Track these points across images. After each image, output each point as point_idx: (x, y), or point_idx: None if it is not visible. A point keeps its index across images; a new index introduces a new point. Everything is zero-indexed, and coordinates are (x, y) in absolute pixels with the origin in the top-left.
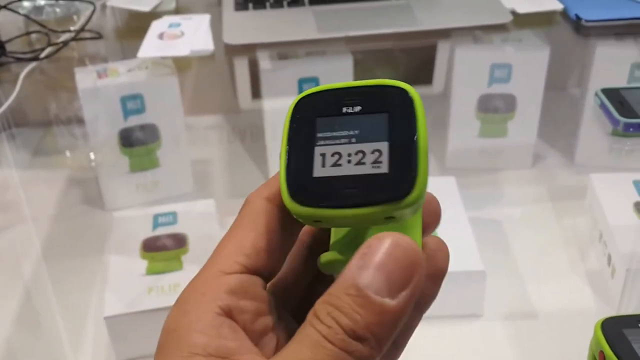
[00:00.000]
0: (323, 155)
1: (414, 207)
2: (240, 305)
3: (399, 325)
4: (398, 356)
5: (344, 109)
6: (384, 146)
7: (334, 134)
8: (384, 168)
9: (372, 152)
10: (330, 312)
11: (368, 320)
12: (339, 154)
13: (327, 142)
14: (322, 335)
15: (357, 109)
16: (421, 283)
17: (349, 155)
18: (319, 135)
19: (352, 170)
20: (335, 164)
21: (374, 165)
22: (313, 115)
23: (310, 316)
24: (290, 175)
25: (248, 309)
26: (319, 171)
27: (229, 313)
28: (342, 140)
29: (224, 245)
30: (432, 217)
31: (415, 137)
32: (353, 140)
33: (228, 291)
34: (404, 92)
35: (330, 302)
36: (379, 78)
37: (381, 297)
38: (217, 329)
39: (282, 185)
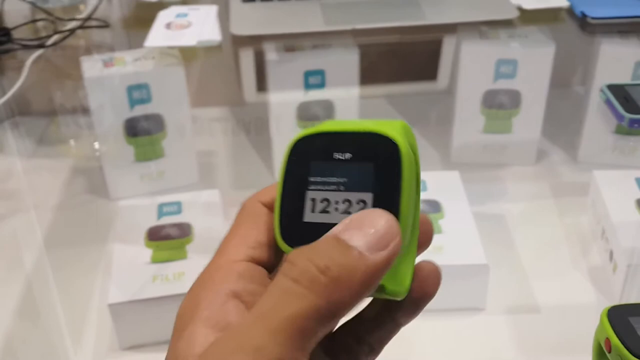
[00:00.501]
0: (313, 200)
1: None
2: (248, 288)
3: (367, 285)
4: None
5: (336, 155)
6: (368, 197)
7: (325, 179)
8: None
9: (358, 202)
10: (306, 253)
11: (344, 262)
12: (328, 200)
13: (318, 187)
14: (292, 277)
15: (348, 156)
16: (394, 255)
17: (337, 202)
18: (311, 179)
19: (338, 218)
20: (323, 210)
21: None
22: (307, 159)
23: (282, 264)
24: (283, 217)
25: (256, 292)
26: (308, 216)
27: (237, 295)
28: (332, 187)
29: (228, 240)
30: (423, 238)
31: (399, 191)
32: (341, 187)
33: (237, 276)
34: (392, 144)
35: (307, 248)
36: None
37: (356, 243)
38: (222, 306)
39: (276, 225)
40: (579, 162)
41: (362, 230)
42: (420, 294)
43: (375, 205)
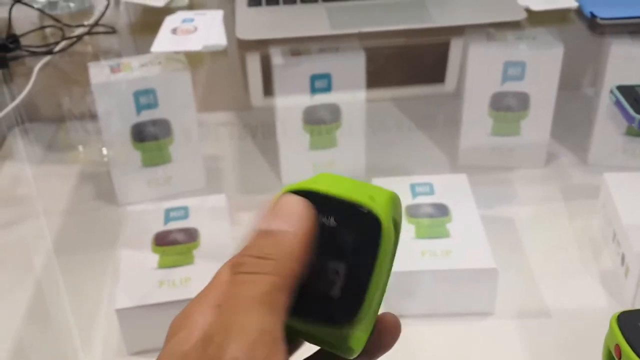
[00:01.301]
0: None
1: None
2: None
3: (302, 250)
4: None
5: (322, 219)
6: (342, 267)
7: (325, 249)
8: (336, 290)
9: (332, 271)
10: (246, 253)
11: (268, 244)
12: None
13: (319, 259)
14: (244, 271)
15: (333, 223)
16: (307, 230)
17: (311, 265)
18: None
19: (308, 281)
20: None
21: (330, 284)
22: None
23: (224, 269)
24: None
25: None
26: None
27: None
28: (315, 251)
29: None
30: (387, 339)
31: (371, 268)
32: (319, 252)
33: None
34: (376, 221)
35: (242, 250)
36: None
37: (275, 227)
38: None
39: None
40: (589, 165)
41: (276, 216)
42: (376, 345)
43: (347, 276)
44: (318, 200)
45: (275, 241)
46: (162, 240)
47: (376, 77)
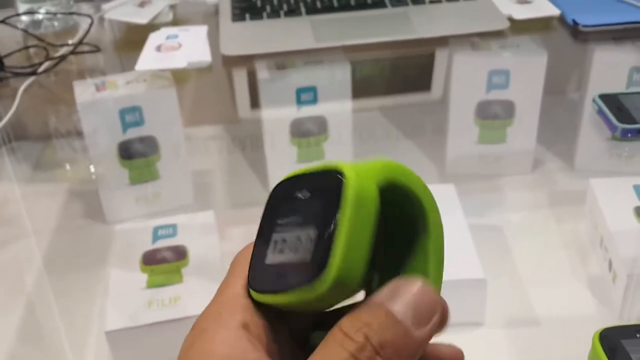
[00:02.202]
0: (276, 242)
1: (332, 293)
2: (254, 320)
3: (414, 358)
4: None
5: (298, 195)
6: (313, 233)
7: (288, 219)
8: (308, 254)
9: (306, 239)
10: (361, 328)
11: (395, 341)
12: (285, 240)
13: (282, 228)
14: (350, 352)
15: (307, 195)
16: (435, 330)
17: (291, 241)
18: (278, 222)
19: (289, 256)
20: (280, 251)
21: (304, 251)
22: (278, 202)
23: (335, 332)
24: (252, 264)
25: (264, 324)
26: (270, 258)
27: (246, 327)
28: (290, 227)
29: (228, 278)
30: None
31: (334, 222)
32: (296, 226)
33: (244, 308)
34: (338, 177)
35: (360, 319)
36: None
37: (414, 331)
38: (239, 341)
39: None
40: (576, 170)
41: (410, 304)
42: None
43: (318, 239)
44: (296, 180)
45: (398, 338)
46: (150, 259)
47: (362, 87)
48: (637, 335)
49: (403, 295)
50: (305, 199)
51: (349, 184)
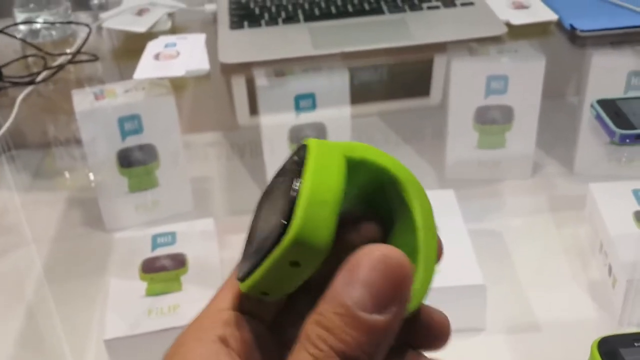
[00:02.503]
0: (255, 229)
1: (304, 249)
2: (234, 335)
3: (390, 339)
4: None
5: (277, 180)
6: (282, 203)
7: (266, 205)
8: (276, 223)
9: (276, 212)
10: (321, 334)
11: (359, 340)
12: (262, 222)
13: (261, 214)
14: (316, 357)
15: (283, 177)
16: (409, 296)
17: (265, 220)
18: (260, 213)
19: (262, 234)
20: (259, 234)
21: (274, 223)
22: (262, 197)
23: (302, 338)
24: (240, 261)
25: (246, 338)
26: (251, 246)
27: (225, 341)
28: (266, 210)
29: (219, 290)
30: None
31: (299, 183)
32: (270, 207)
33: (223, 323)
34: (304, 146)
35: (320, 323)
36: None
37: (369, 313)
38: (215, 355)
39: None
40: (575, 174)
41: (368, 285)
42: (422, 336)
43: (283, 210)
44: (281, 169)
45: (362, 338)
46: (149, 267)
47: (361, 92)
48: (635, 344)
49: (358, 275)
50: (280, 181)
51: (311, 148)
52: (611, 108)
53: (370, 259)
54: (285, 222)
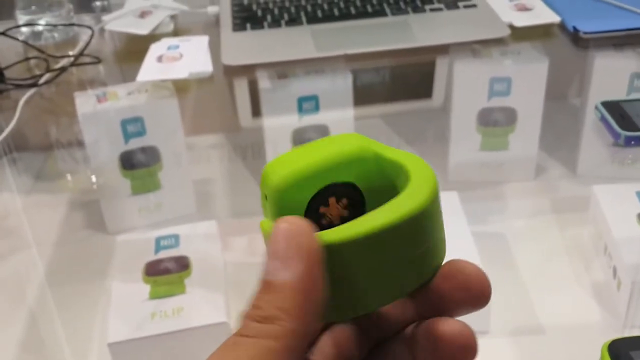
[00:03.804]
0: None
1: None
2: None
3: (310, 295)
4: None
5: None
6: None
7: None
8: None
9: None
10: (245, 311)
11: (270, 300)
12: None
13: None
14: (238, 334)
15: None
16: (313, 257)
17: None
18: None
19: None
20: None
21: None
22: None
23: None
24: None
25: None
26: None
27: None
28: None
29: None
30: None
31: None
32: None
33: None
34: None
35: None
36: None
37: (276, 276)
38: None
39: None
40: (579, 176)
41: (275, 254)
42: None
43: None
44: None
45: (274, 297)
46: (153, 270)
47: (363, 94)
48: None
49: (268, 251)
50: None
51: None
52: (616, 110)
53: (275, 231)
54: None
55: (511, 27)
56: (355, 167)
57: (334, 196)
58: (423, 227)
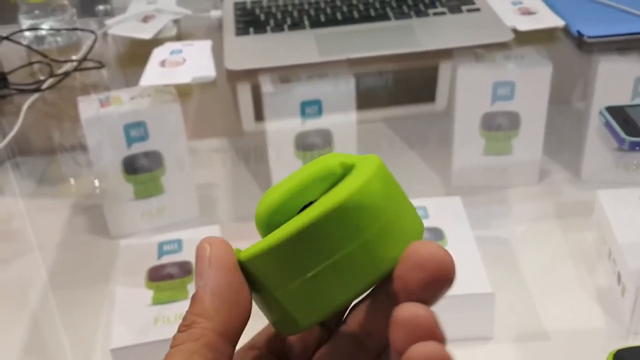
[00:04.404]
0: None
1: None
2: None
3: (223, 298)
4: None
5: None
6: None
7: None
8: None
9: None
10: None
11: (191, 310)
12: None
13: None
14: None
15: None
16: (225, 264)
17: None
18: None
19: None
20: None
21: None
22: None
23: None
24: None
25: None
26: None
27: None
28: None
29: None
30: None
31: None
32: None
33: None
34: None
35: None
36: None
37: (196, 289)
38: None
39: None
40: (583, 180)
41: (197, 271)
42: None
43: None
44: None
45: (194, 307)
46: (156, 275)
47: (366, 99)
48: None
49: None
50: None
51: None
52: (620, 115)
53: (196, 251)
54: None
55: (515, 31)
56: (325, 183)
57: None
58: (347, 222)
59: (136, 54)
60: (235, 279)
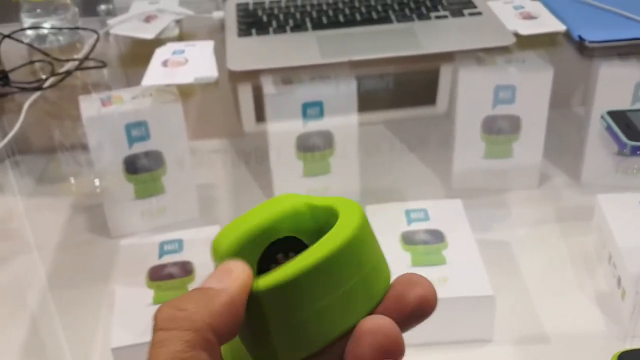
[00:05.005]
0: None
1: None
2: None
3: (210, 306)
4: None
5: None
6: None
7: None
8: None
9: None
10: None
11: (184, 296)
12: None
13: None
14: (159, 328)
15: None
16: (236, 289)
17: None
18: None
19: None
20: None
21: None
22: None
23: None
24: None
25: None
26: None
27: None
28: None
29: None
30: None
31: None
32: None
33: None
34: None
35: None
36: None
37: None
38: None
39: None
40: (583, 184)
41: (211, 276)
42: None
43: None
44: None
45: (200, 296)
46: (156, 275)
47: (368, 101)
48: None
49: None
50: None
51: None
52: (621, 119)
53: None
54: None
55: (516, 35)
56: (292, 221)
57: (281, 252)
58: (345, 264)
59: (138, 54)
60: (242, 302)
